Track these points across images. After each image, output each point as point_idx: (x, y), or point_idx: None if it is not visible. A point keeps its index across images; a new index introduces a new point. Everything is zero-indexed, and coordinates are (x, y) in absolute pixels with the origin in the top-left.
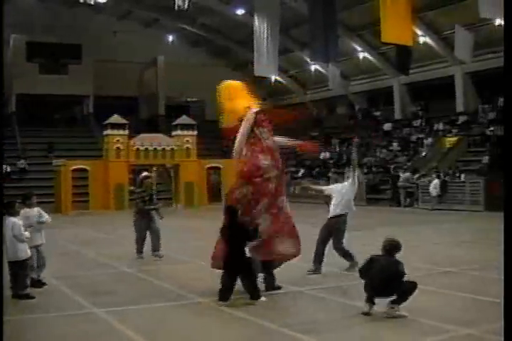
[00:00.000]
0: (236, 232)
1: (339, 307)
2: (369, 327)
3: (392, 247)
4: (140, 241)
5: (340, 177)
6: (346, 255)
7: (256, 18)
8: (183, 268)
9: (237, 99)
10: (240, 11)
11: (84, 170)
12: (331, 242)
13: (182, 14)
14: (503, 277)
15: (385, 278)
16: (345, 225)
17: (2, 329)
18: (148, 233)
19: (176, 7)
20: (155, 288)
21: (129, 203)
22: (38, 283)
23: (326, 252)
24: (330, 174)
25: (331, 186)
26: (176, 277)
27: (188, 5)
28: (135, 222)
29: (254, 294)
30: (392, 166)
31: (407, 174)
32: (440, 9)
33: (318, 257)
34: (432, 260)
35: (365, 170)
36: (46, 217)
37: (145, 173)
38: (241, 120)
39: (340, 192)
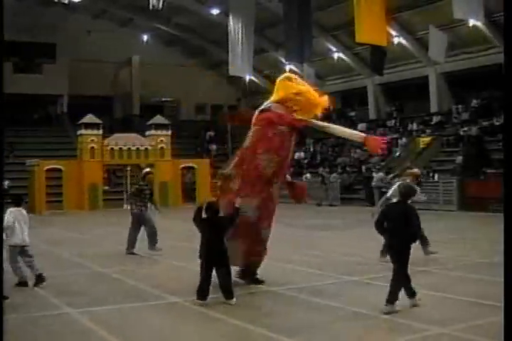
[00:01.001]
0: (216, 227)
1: (315, 307)
2: (344, 326)
3: (407, 192)
4: (134, 237)
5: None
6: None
7: (231, 18)
8: (158, 268)
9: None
10: (215, 11)
11: (59, 170)
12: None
13: (157, 14)
14: (477, 276)
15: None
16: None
17: (2, 329)
18: (142, 228)
19: (151, 7)
20: (129, 288)
21: (103, 203)
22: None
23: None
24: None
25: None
26: (151, 277)
27: (163, 5)
28: (139, 216)
29: (228, 294)
30: (364, 166)
31: (381, 174)
32: (414, 10)
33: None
34: None
35: (340, 170)
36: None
37: (148, 169)
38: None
39: None
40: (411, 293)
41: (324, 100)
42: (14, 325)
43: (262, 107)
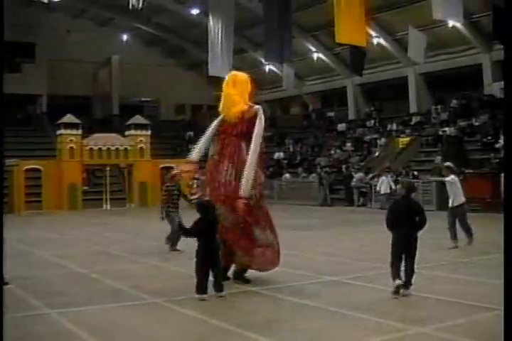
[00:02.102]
0: (210, 228)
1: (295, 307)
2: (322, 326)
3: (410, 188)
4: (178, 236)
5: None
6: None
7: (211, 18)
8: (137, 268)
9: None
10: (195, 11)
11: (38, 170)
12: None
13: (137, 14)
14: (456, 275)
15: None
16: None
17: (2, 329)
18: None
19: (131, 6)
20: (109, 289)
21: (82, 203)
22: None
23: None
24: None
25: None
26: (130, 277)
27: (143, 4)
28: (172, 214)
29: (220, 287)
30: (343, 166)
31: (360, 174)
32: (394, 10)
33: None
34: (384, 259)
35: (319, 171)
36: None
37: (176, 170)
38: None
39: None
40: (409, 284)
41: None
42: None
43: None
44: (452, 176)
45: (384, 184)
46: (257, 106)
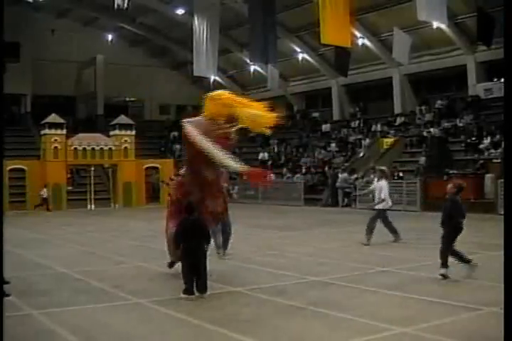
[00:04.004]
0: (194, 228)
1: (278, 307)
2: (305, 326)
3: (460, 188)
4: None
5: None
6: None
7: (196, 18)
8: (120, 269)
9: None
10: (180, 11)
11: (22, 170)
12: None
13: (121, 13)
14: (436, 276)
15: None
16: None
17: (2, 329)
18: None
19: (116, 6)
20: (92, 289)
21: (66, 203)
22: None
23: None
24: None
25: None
26: (113, 277)
27: (128, 4)
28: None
29: (204, 288)
30: (327, 167)
31: (345, 175)
32: (379, 11)
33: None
34: (368, 260)
35: (303, 171)
36: None
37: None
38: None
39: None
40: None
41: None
42: None
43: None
44: (383, 181)
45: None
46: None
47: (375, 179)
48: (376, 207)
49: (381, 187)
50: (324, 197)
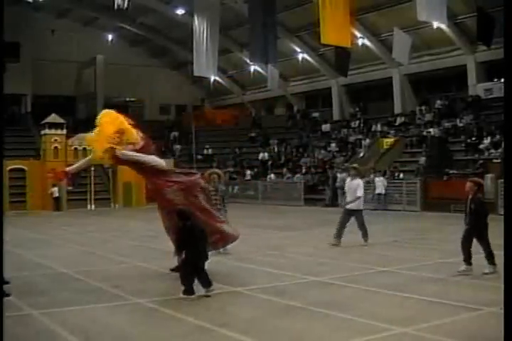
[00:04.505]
0: (191, 233)
1: (278, 307)
2: (304, 326)
3: (480, 185)
4: None
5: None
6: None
7: (196, 18)
8: (120, 269)
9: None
10: (180, 11)
11: (22, 170)
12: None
13: (122, 13)
14: (438, 276)
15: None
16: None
17: (2, 329)
18: None
19: (116, 6)
20: (92, 289)
21: (66, 203)
22: None
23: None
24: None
25: None
26: (113, 277)
27: (128, 4)
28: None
29: (209, 284)
30: (327, 166)
31: (344, 174)
32: (379, 11)
33: None
34: (368, 260)
35: (303, 171)
36: None
37: (212, 169)
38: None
39: None
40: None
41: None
42: None
43: None
44: (358, 179)
45: (380, 185)
46: None
47: (349, 178)
48: (348, 206)
49: (357, 185)
50: (327, 197)
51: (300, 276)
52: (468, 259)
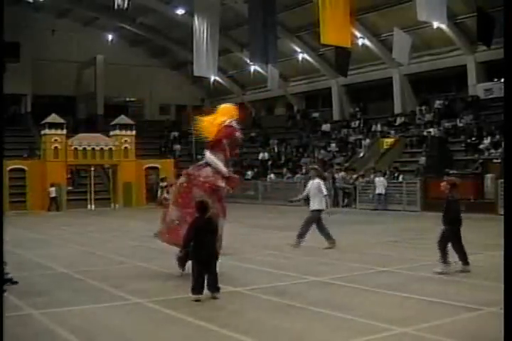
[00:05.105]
0: (207, 226)
1: (279, 307)
2: (304, 326)
3: (454, 184)
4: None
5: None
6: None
7: (196, 18)
8: (120, 269)
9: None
10: (180, 11)
11: (22, 170)
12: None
13: (122, 13)
14: (437, 276)
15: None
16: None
17: (2, 329)
18: None
19: (116, 6)
20: (92, 289)
21: (66, 203)
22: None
23: None
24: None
25: None
26: (113, 277)
27: (128, 4)
28: None
29: (216, 289)
30: (326, 166)
31: (342, 173)
32: (379, 11)
33: None
34: (368, 260)
35: (303, 171)
36: None
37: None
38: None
39: None
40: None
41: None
42: None
43: None
44: (317, 180)
45: (380, 185)
46: None
47: (310, 180)
48: (311, 208)
49: (318, 184)
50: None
51: (300, 276)
52: (445, 259)
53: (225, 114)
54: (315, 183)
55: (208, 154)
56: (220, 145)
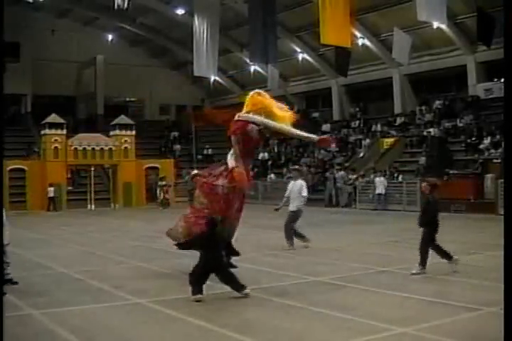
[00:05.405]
0: (215, 242)
1: (279, 307)
2: (304, 326)
3: (434, 186)
4: None
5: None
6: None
7: (196, 18)
8: (120, 269)
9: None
10: (180, 11)
11: (22, 170)
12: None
13: (122, 13)
14: (437, 276)
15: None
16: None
17: (2, 329)
18: None
19: (116, 6)
20: (92, 289)
21: (66, 203)
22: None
23: None
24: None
25: None
26: (113, 277)
27: (128, 4)
28: None
29: (235, 285)
30: (327, 166)
31: (342, 173)
32: (379, 11)
33: None
34: (368, 260)
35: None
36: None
37: (195, 171)
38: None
39: None
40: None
41: (288, 115)
42: None
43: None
44: (300, 181)
45: (380, 185)
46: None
47: (292, 180)
48: (292, 208)
49: (300, 185)
50: (326, 197)
51: (300, 276)
52: (423, 261)
53: (253, 105)
54: (297, 184)
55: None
56: (231, 142)
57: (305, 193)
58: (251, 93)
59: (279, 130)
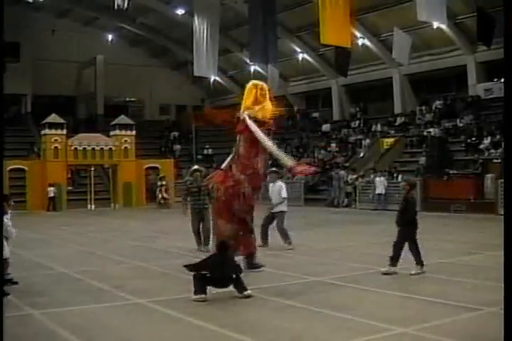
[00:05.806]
0: (222, 265)
1: (279, 307)
2: (304, 326)
3: (413, 185)
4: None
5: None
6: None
7: (196, 18)
8: (120, 269)
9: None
10: (180, 11)
11: (22, 170)
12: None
13: (121, 13)
14: (437, 276)
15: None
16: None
17: (2, 329)
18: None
19: (116, 6)
20: (92, 289)
21: (66, 203)
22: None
23: None
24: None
25: None
26: (113, 277)
27: (128, 4)
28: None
29: (241, 288)
30: (327, 166)
31: (342, 172)
32: (379, 11)
33: None
34: (368, 260)
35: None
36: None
37: (196, 166)
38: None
39: None
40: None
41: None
42: None
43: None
44: (279, 182)
45: (381, 185)
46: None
47: (271, 183)
48: (276, 209)
49: (280, 187)
50: (330, 197)
51: (300, 276)
52: (395, 260)
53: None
54: (277, 186)
55: None
56: (236, 140)
57: (284, 195)
58: (248, 85)
59: (263, 143)
